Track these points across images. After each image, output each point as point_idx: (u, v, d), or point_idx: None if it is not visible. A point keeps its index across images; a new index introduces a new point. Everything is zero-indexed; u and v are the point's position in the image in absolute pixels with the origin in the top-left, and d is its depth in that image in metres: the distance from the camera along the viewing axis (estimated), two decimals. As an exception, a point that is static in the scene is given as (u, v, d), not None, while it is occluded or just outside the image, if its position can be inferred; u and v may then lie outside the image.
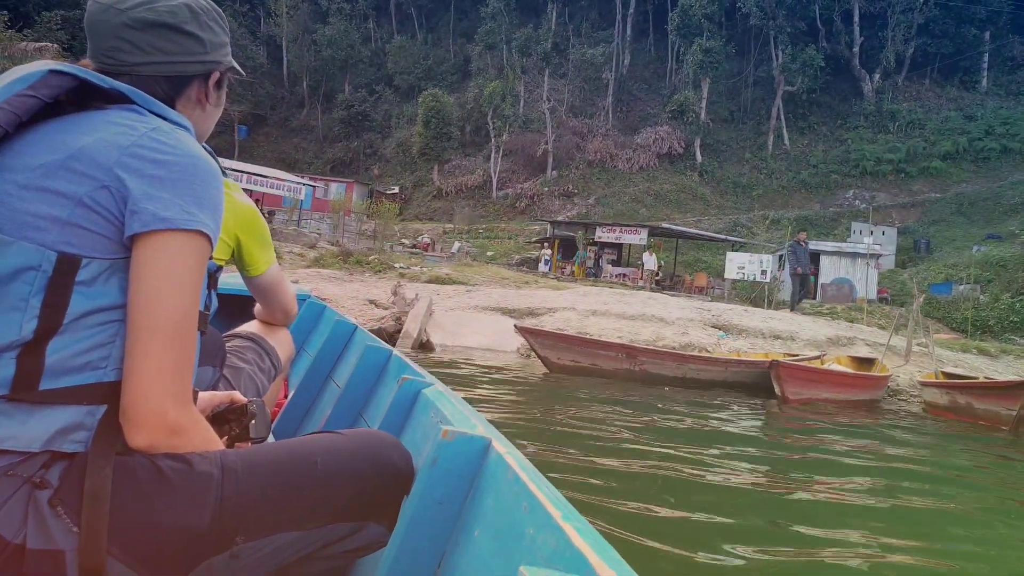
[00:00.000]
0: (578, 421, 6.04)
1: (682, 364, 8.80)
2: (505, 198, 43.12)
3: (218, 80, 1.22)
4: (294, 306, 2.02)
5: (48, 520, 0.91)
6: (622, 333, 10.88)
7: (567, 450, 4.89)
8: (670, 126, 43.92)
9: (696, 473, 4.66)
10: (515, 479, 0.92)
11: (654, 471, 4.64)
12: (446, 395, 1.45)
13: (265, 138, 53.90)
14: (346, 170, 48.89)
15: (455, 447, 1.04)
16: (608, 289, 15.25)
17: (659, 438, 5.60)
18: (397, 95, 53.39)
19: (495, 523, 0.93)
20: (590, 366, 8.70)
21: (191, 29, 1.13)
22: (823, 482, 4.92)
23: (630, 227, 27.61)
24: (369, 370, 1.95)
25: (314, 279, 15.07)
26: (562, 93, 47.76)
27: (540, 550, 0.77)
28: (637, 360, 8.71)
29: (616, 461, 4.78)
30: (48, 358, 0.93)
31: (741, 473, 4.89)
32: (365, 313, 11.38)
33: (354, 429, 1.28)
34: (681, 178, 42.86)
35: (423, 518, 1.04)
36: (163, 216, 0.96)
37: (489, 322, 11.12)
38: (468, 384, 7.33)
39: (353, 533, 1.13)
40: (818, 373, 8.30)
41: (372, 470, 1.14)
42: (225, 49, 1.22)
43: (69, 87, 1.03)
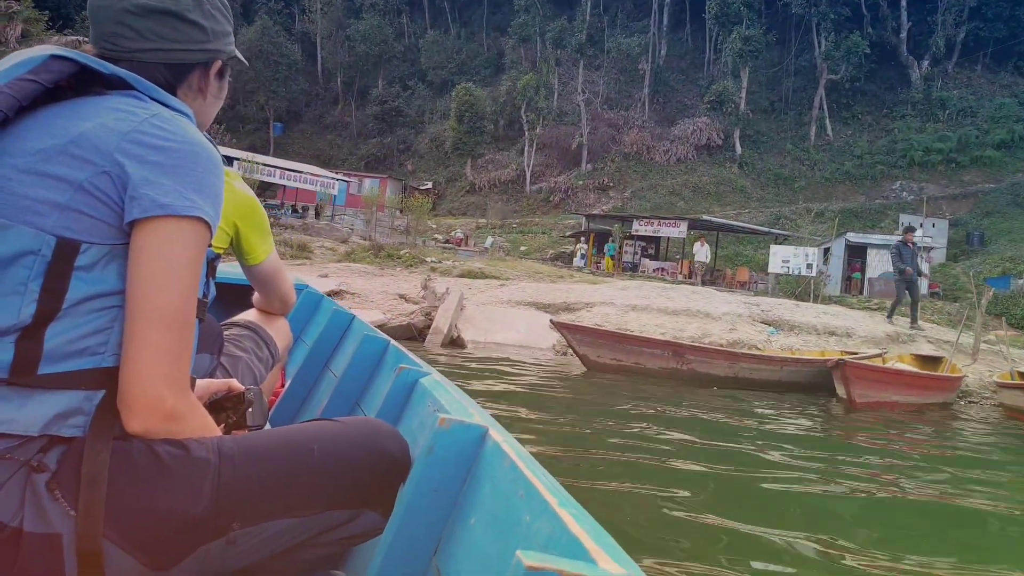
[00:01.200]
0: (621, 424, 5.46)
1: (733, 363, 8.14)
2: (539, 192, 42.54)
3: (220, 69, 1.21)
4: (292, 295, 2.03)
5: (45, 503, 0.92)
6: (665, 329, 10.25)
7: (610, 455, 4.32)
8: (708, 117, 42.88)
9: (755, 482, 4.05)
10: (511, 467, 0.91)
11: (708, 479, 4.05)
12: (443, 384, 1.43)
13: (300, 135, 54.02)
14: (380, 166, 48.76)
15: (451, 435, 1.03)
16: (649, 283, 14.58)
17: (713, 444, 4.99)
18: (430, 90, 53.09)
19: (491, 510, 0.93)
20: (633, 365, 8.08)
21: (194, 17, 1.12)
22: (911, 495, 4.27)
23: (669, 220, 26.79)
24: (366, 359, 1.94)
25: (344, 273, 14.69)
26: (597, 85, 46.97)
27: (536, 536, 0.77)
28: (684, 359, 8.07)
29: (664, 468, 4.19)
30: (47, 343, 0.94)
31: (807, 484, 4.27)
32: (395, 308, 10.92)
33: (351, 417, 1.28)
34: (720, 170, 41.80)
35: (419, 506, 1.03)
36: (163, 202, 0.96)
37: (522, 317, 10.56)
38: (501, 384, 6.79)
39: (349, 520, 1.12)
40: (889, 373, 7.55)
41: (369, 458, 1.14)
42: (228, 38, 1.21)
43: (70, 72, 1.02)
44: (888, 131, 42.60)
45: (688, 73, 50.63)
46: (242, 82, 51.22)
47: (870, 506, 4.09)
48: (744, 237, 33.01)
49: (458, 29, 58.68)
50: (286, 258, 18.06)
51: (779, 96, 46.89)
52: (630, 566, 0.64)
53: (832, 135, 43.33)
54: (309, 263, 17.35)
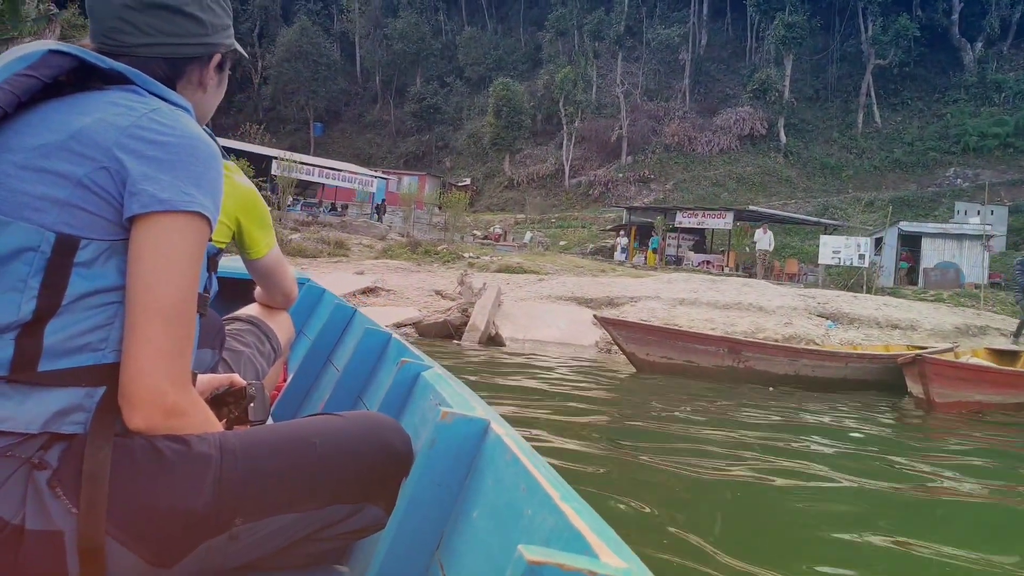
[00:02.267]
0: (675, 430, 4.98)
1: (794, 359, 7.57)
2: (578, 186, 42.00)
3: (220, 63, 1.20)
4: (294, 289, 2.02)
5: (47, 501, 0.92)
6: (715, 324, 9.71)
7: (662, 463, 3.85)
8: (751, 106, 41.81)
9: (836, 497, 3.55)
10: (514, 460, 0.91)
11: (783, 496, 3.56)
12: (445, 378, 1.42)
13: (340, 134, 54.34)
14: (419, 164, 48.74)
15: (454, 429, 1.03)
16: (697, 275, 13.98)
17: (784, 452, 4.48)
18: (468, 87, 52.90)
19: (493, 504, 0.93)
20: (685, 363, 7.56)
21: (192, 11, 1.11)
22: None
23: (714, 211, 26.03)
24: (368, 353, 1.92)
25: (380, 270, 14.41)
26: (636, 76, 46.18)
27: (538, 530, 0.77)
28: (742, 356, 7.52)
29: (727, 481, 3.71)
30: (47, 339, 0.93)
31: (899, 498, 3.75)
32: (430, 304, 10.56)
33: (353, 411, 1.27)
34: (765, 160, 40.75)
35: (422, 500, 1.03)
36: (162, 197, 0.96)
37: (563, 313, 10.10)
38: (542, 385, 6.35)
39: (352, 515, 1.12)
40: (973, 371, 6.86)
41: (371, 452, 1.13)
42: (227, 32, 1.19)
43: (69, 67, 1.02)
44: (940, 116, 41.01)
45: (729, 62, 49.52)
46: (282, 83, 51.79)
47: (993, 524, 3.56)
48: (791, 228, 32.06)
49: (495, 25, 58.38)
50: (323, 256, 17.90)
51: (824, 83, 45.55)
52: (632, 560, 0.64)
53: (880, 122, 41.89)
54: (346, 260, 17.14)
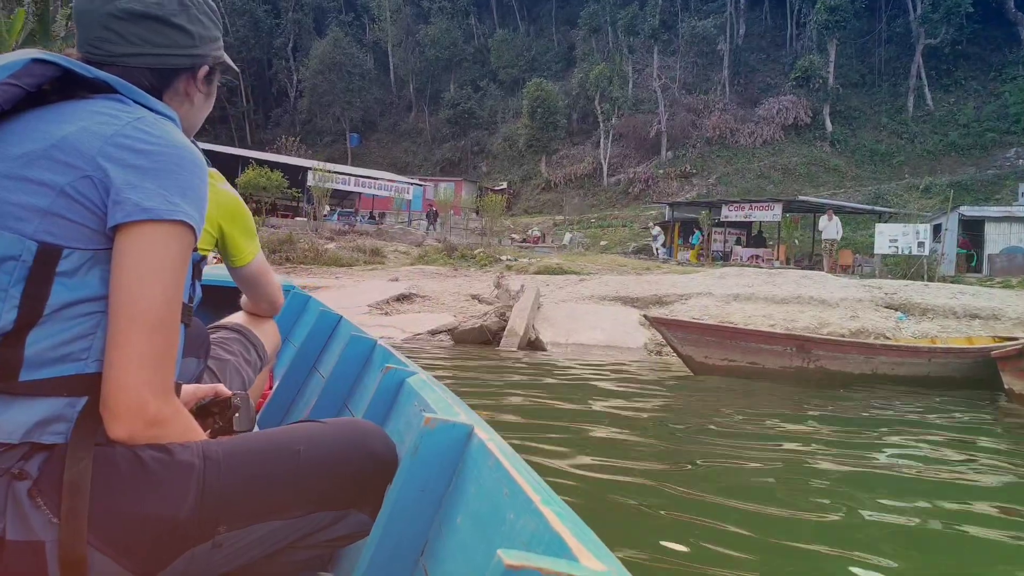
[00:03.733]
0: (745, 442, 4.28)
1: (870, 356, 6.76)
2: (617, 184, 41.15)
3: (208, 74, 1.19)
4: (280, 297, 2.00)
5: (27, 511, 0.92)
6: (773, 320, 8.93)
7: (734, 483, 3.17)
8: (794, 95, 40.54)
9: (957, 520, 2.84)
10: (496, 465, 0.91)
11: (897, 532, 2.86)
12: (429, 383, 1.42)
13: (376, 144, 54.35)
14: (455, 170, 48.45)
15: (437, 435, 1.03)
16: (750, 269, 13.13)
17: (884, 469, 3.76)
18: (502, 89, 52.44)
19: (477, 509, 0.93)
20: (748, 365, 6.80)
21: (179, 22, 1.11)
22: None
23: (761, 203, 25.00)
24: (353, 360, 1.92)
25: (415, 276, 13.90)
26: (673, 70, 45.14)
27: (520, 534, 0.78)
28: (811, 355, 6.73)
29: (821, 508, 3.02)
30: (28, 349, 0.93)
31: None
32: (467, 309, 9.97)
33: (337, 418, 1.28)
34: (810, 149, 39.39)
35: (406, 506, 1.03)
36: (146, 206, 0.95)
37: (608, 314, 9.41)
38: (589, 394, 5.69)
39: (336, 522, 1.11)
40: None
41: (355, 458, 1.12)
42: (216, 43, 1.19)
43: (52, 76, 1.01)
44: (997, 96, 39.09)
45: (769, 51, 48.14)
46: (317, 95, 52.04)
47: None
48: (843, 219, 30.72)
49: (527, 26, 57.82)
50: (359, 264, 17.50)
51: (871, 67, 43.95)
52: (612, 563, 0.64)
53: (933, 104, 40.17)
54: (382, 267, 16.70)
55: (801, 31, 44.99)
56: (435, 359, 7.59)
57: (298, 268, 16.84)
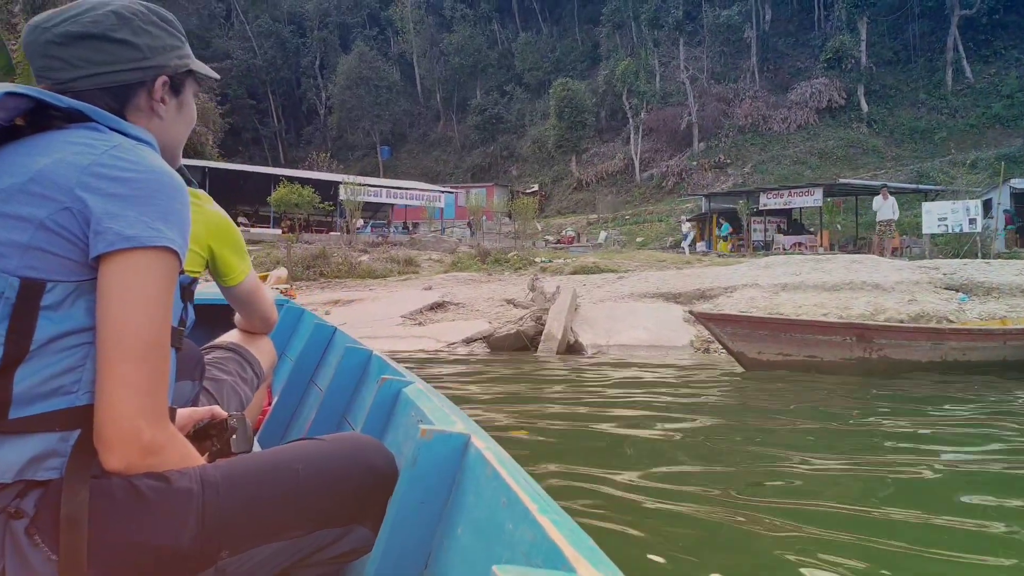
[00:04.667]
0: (815, 446, 3.90)
1: (938, 342, 6.29)
2: (650, 179, 40.52)
3: (171, 85, 1.15)
4: (274, 313, 1.98)
5: (26, 550, 0.91)
6: (826, 309, 8.47)
7: (808, 500, 2.81)
8: (827, 77, 39.46)
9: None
10: (494, 475, 0.91)
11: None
12: (426, 393, 1.41)
13: (407, 155, 54.52)
14: (486, 175, 48.31)
15: (434, 445, 1.02)
16: (797, 256, 12.61)
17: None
18: (528, 92, 52.20)
19: (476, 519, 0.93)
20: (805, 359, 6.37)
21: (122, 36, 1.08)
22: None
23: (800, 188, 24.28)
24: (350, 372, 1.90)
25: (449, 283, 13.66)
26: (700, 61, 44.36)
27: (519, 545, 0.78)
28: (873, 344, 6.28)
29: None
30: (16, 386, 0.92)
31: None
32: (502, 315, 9.67)
33: (334, 434, 1.27)
34: (847, 131, 38.30)
35: (407, 519, 1.02)
36: (128, 235, 0.94)
37: (650, 312, 9.04)
38: (637, 398, 5.35)
39: (340, 539, 1.10)
40: None
41: (354, 474, 1.11)
42: (172, 52, 1.15)
43: (25, 108, 1.01)
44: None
45: (798, 35, 47.06)
46: (346, 110, 52.40)
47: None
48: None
49: (549, 27, 57.51)
50: (393, 274, 17.35)
51: (904, 44, 42.60)
52: (610, 571, 0.64)
53: (973, 77, 38.75)
54: (415, 276, 16.52)
55: (829, 12, 43.88)
56: (471, 369, 7.30)
57: (332, 282, 16.75)
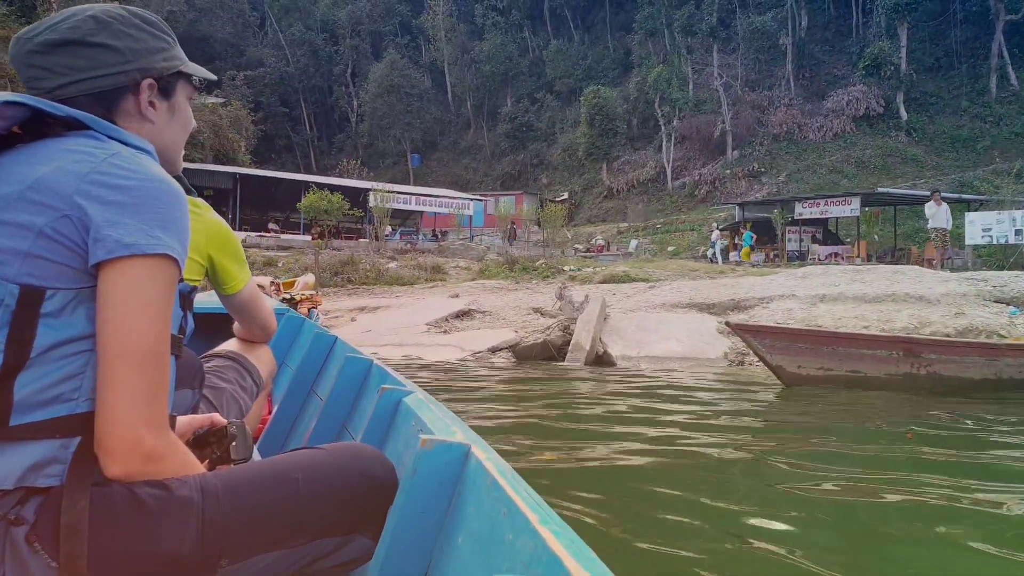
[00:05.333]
0: (875, 476, 3.58)
1: (993, 358, 5.91)
2: (682, 188, 40.04)
3: (160, 88, 1.14)
4: (273, 322, 1.98)
5: (26, 557, 0.91)
6: (867, 321, 8.09)
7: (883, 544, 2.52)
8: (864, 84, 38.67)
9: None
10: (494, 485, 0.91)
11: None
12: (426, 402, 1.41)
13: (437, 163, 54.62)
14: (515, 183, 48.18)
15: (434, 455, 1.02)
16: (836, 266, 12.18)
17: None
18: (559, 100, 52.03)
19: (476, 530, 0.93)
20: (848, 374, 6.03)
21: (100, 40, 1.08)
22: None
23: (837, 198, 23.71)
24: (350, 381, 1.89)
25: (476, 291, 13.45)
26: (735, 68, 43.81)
27: (519, 555, 0.78)
28: (921, 359, 5.92)
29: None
30: (16, 393, 0.92)
31: None
32: (528, 324, 9.42)
33: (334, 443, 1.27)
34: (885, 140, 37.46)
35: (407, 528, 1.02)
36: (127, 242, 0.95)
37: (682, 323, 8.72)
38: (672, 416, 5.06)
39: (340, 548, 1.10)
40: None
41: (354, 483, 1.11)
42: (157, 55, 1.14)
43: (23, 117, 1.01)
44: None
45: (834, 42, 46.27)
46: (377, 118, 52.66)
47: None
48: (923, 210, 29.04)
49: (581, 35, 57.28)
50: (420, 282, 17.19)
51: (946, 50, 41.65)
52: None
53: (1018, 84, 37.72)
54: (443, 284, 16.34)
55: (868, 18, 43.07)
56: (496, 379, 7.06)
57: (359, 289, 16.65)
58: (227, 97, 40.78)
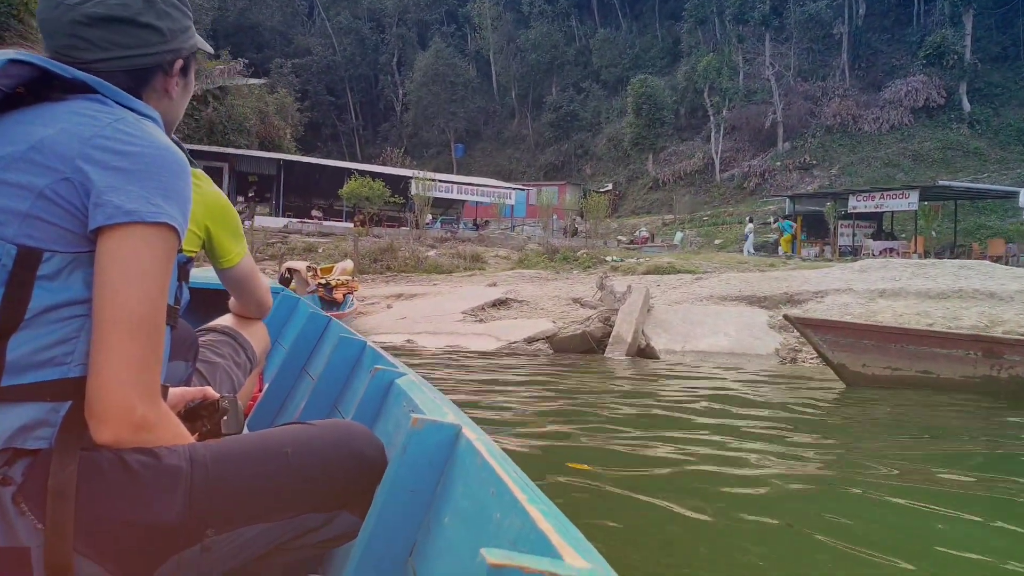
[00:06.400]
0: (965, 500, 3.15)
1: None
2: (731, 179, 39.07)
3: (183, 67, 1.16)
4: (268, 298, 1.98)
5: (12, 517, 0.91)
6: (931, 319, 7.52)
7: None
8: (925, 75, 37.16)
9: None
10: (483, 464, 0.92)
11: None
12: (418, 384, 1.42)
13: (481, 153, 54.38)
14: (558, 174, 47.68)
15: (424, 435, 1.03)
16: (896, 260, 11.51)
17: None
18: (605, 89, 51.27)
19: (464, 509, 0.94)
20: (918, 374, 5.51)
21: (147, 20, 1.08)
22: None
23: (894, 191, 22.74)
24: (343, 361, 1.90)
25: (514, 280, 13.10)
26: (787, 57, 42.55)
27: (506, 533, 0.79)
28: (1003, 360, 5.37)
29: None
30: (9, 354, 0.93)
31: None
32: (568, 314, 9.04)
33: (325, 420, 1.27)
34: (945, 133, 35.99)
35: (394, 506, 1.03)
36: (128, 208, 0.95)
37: (731, 317, 8.25)
38: (718, 420, 4.64)
39: (325, 523, 1.10)
40: None
41: (343, 460, 1.11)
42: (187, 34, 1.15)
43: (30, 77, 1.00)
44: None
45: (893, 31, 44.60)
46: (422, 107, 52.62)
47: None
48: (987, 206, 27.90)
49: (629, 23, 56.36)
50: (459, 270, 16.93)
51: (1013, 39, 39.83)
52: (596, 560, 0.65)
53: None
54: (481, 273, 16.04)
55: (930, 6, 41.40)
56: (531, 371, 6.70)
57: (398, 276, 16.47)
58: (274, 85, 41.12)
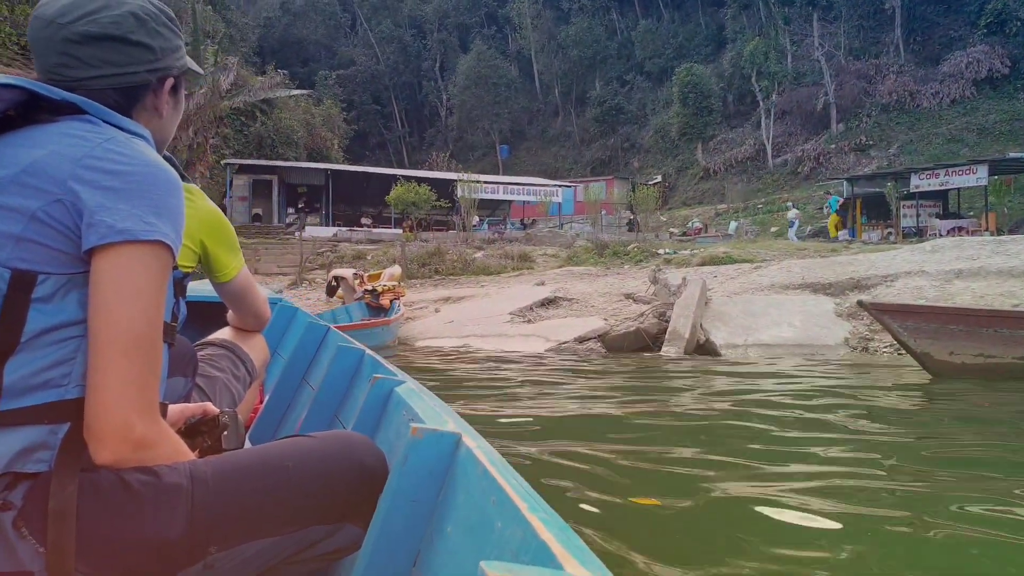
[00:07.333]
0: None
1: None
2: (784, 165, 37.97)
3: (174, 85, 1.18)
4: (266, 310, 1.98)
5: (13, 542, 0.91)
6: (1017, 299, 6.95)
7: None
8: (986, 44, 35.43)
9: None
10: (484, 473, 0.92)
11: None
12: (418, 392, 1.41)
13: (526, 153, 54.18)
14: (605, 169, 47.15)
15: (425, 444, 1.02)
16: (970, 238, 10.83)
17: None
18: (649, 81, 50.51)
19: (466, 518, 0.93)
20: (1014, 362, 5.01)
21: (138, 38, 1.09)
22: None
23: (960, 167, 21.64)
24: (342, 371, 1.90)
25: (563, 278, 12.79)
26: (837, 36, 41.14)
27: (508, 543, 0.79)
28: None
29: None
30: (6, 378, 0.92)
31: None
32: (620, 311, 8.70)
33: (325, 432, 1.26)
34: (1012, 104, 34.27)
35: (397, 517, 1.02)
36: (120, 228, 0.94)
37: (794, 306, 7.79)
38: (791, 421, 4.26)
39: (329, 536, 1.10)
40: None
41: (344, 471, 1.11)
42: (178, 53, 1.17)
43: (18, 100, 1.00)
44: None
45: (949, 1, 42.75)
46: (466, 111, 52.67)
47: None
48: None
49: (671, 13, 55.39)
50: (507, 270, 16.71)
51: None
52: (598, 569, 0.65)
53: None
54: (529, 272, 15.77)
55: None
56: (583, 372, 6.39)
57: (446, 280, 16.34)
58: (319, 96, 41.64)
